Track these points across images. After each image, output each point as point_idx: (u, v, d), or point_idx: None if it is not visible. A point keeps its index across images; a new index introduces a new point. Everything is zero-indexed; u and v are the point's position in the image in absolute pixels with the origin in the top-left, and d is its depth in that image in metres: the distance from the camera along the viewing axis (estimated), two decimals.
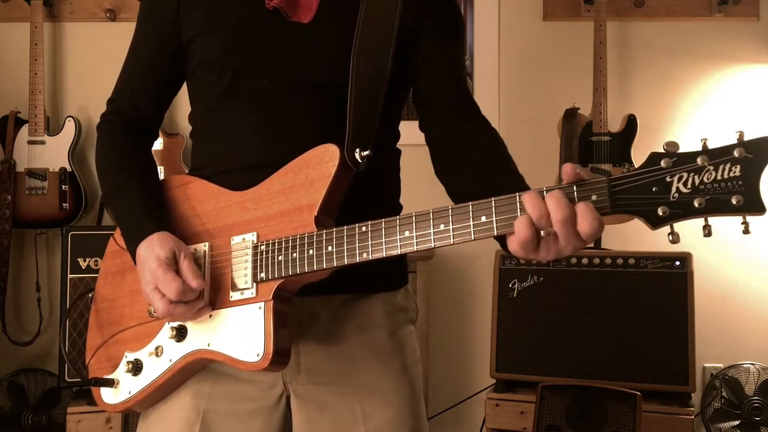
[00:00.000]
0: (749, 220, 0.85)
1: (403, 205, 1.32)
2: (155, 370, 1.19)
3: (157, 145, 2.94)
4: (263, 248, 1.11)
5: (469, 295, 3.22)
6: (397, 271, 1.30)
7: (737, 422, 2.87)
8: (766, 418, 2.83)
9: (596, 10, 3.01)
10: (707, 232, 0.86)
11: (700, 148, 0.87)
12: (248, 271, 1.12)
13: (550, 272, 2.63)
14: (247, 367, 1.10)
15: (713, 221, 0.87)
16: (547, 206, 0.91)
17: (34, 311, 3.10)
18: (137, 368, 1.21)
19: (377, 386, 1.23)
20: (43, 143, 3.04)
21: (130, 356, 1.23)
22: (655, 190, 0.87)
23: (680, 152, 0.87)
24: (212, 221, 1.19)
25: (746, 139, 0.85)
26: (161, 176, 1.31)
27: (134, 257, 1.18)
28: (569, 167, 0.92)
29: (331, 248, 1.05)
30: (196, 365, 1.19)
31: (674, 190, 0.86)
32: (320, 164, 1.11)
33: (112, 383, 1.24)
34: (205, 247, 1.18)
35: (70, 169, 3.03)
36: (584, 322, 2.56)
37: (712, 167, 0.85)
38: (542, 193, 0.93)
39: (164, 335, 1.18)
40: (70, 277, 2.63)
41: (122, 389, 1.24)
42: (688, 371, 2.42)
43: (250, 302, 1.11)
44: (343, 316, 1.23)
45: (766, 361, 2.98)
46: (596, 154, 2.98)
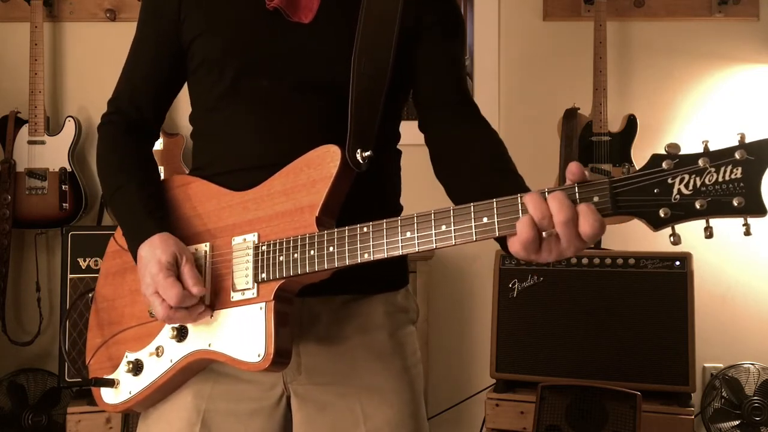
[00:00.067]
0: (750, 221, 0.85)
1: (403, 205, 1.32)
2: (156, 370, 1.19)
3: (157, 145, 2.92)
4: (264, 249, 1.11)
5: (469, 295, 3.22)
6: (397, 271, 1.30)
7: (737, 422, 2.87)
8: (766, 418, 2.83)
9: (596, 10, 3.00)
10: (708, 233, 0.86)
11: (701, 149, 0.87)
12: (249, 271, 1.12)
13: (550, 272, 2.63)
14: (248, 367, 1.09)
15: (714, 222, 0.87)
16: (549, 207, 0.91)
17: (34, 311, 3.10)
18: (138, 368, 1.21)
19: (377, 387, 1.23)
20: (43, 143, 3.04)
21: (130, 356, 1.23)
22: (656, 191, 0.87)
23: (682, 154, 0.87)
24: (213, 221, 1.19)
25: (747, 141, 0.85)
26: (162, 176, 1.31)
27: (135, 257, 1.18)
28: (576, 166, 0.92)
29: (332, 249, 1.05)
30: (196, 365, 1.18)
31: (676, 191, 0.86)
32: (321, 165, 1.10)
33: (112, 383, 1.24)
34: (205, 247, 1.18)
35: (70, 169, 3.03)
36: (584, 322, 2.56)
37: (713, 169, 0.85)
38: (544, 194, 0.93)
39: (165, 335, 1.18)
40: (70, 277, 2.63)
41: (122, 389, 1.23)
42: (688, 371, 2.42)
43: (251, 303, 1.11)
44: (343, 316, 1.23)
45: (766, 361, 2.98)
46: (596, 154, 2.98)
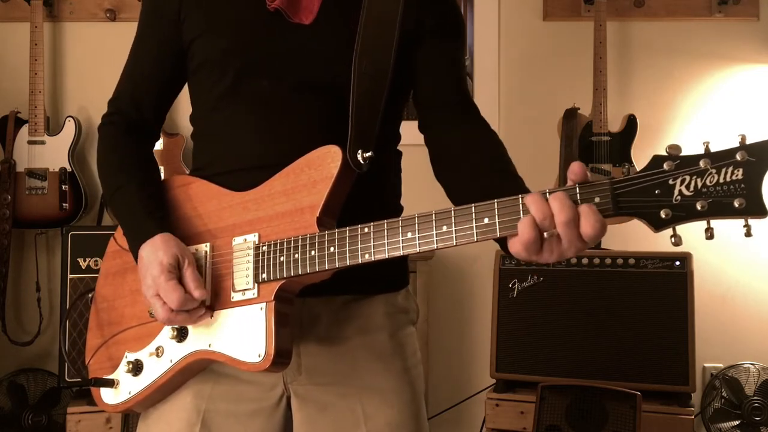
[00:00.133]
0: (751, 223, 0.85)
1: (403, 205, 1.32)
2: (156, 370, 1.19)
3: (157, 145, 2.92)
4: (265, 249, 1.11)
5: (469, 295, 3.22)
6: (397, 272, 1.30)
7: (737, 422, 2.87)
8: (766, 418, 2.83)
9: (596, 10, 3.00)
10: (709, 234, 0.86)
11: (701, 150, 0.87)
12: (249, 271, 1.12)
13: (550, 272, 2.63)
14: (248, 367, 1.09)
15: (715, 223, 0.87)
16: (550, 207, 0.91)
17: (34, 311, 3.10)
18: (137, 368, 1.21)
19: (378, 387, 1.22)
20: (43, 143, 3.03)
21: (130, 356, 1.23)
22: (657, 192, 0.87)
23: (683, 155, 0.87)
24: (214, 222, 1.19)
25: (748, 142, 0.85)
26: (162, 176, 1.31)
27: (136, 258, 1.17)
28: (578, 166, 0.92)
29: (333, 249, 1.05)
30: (196, 366, 1.18)
31: (677, 192, 0.86)
32: (322, 165, 1.10)
33: (112, 383, 1.24)
34: (206, 247, 1.17)
35: (70, 169, 3.03)
36: (584, 322, 2.56)
37: (714, 170, 0.85)
38: (545, 194, 0.93)
39: (165, 335, 1.18)
40: (70, 277, 2.63)
41: (122, 389, 1.23)
42: (688, 371, 2.42)
43: (251, 303, 1.11)
44: (343, 317, 1.23)
45: (766, 361, 2.98)
46: (596, 154, 2.98)
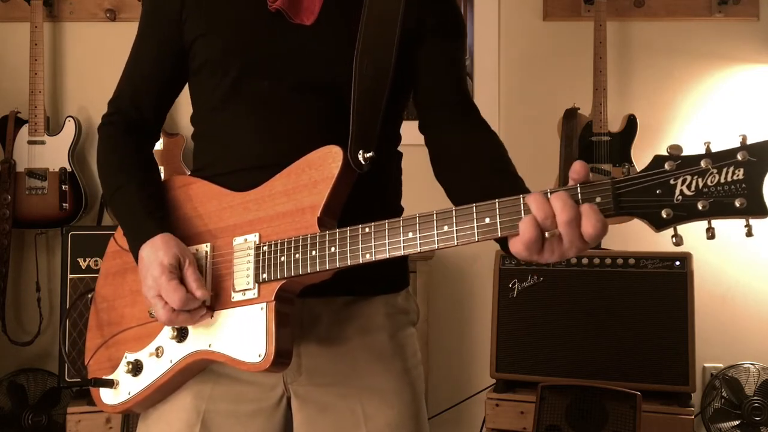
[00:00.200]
0: (752, 222, 0.85)
1: (404, 206, 1.31)
2: (155, 370, 1.19)
3: (157, 145, 2.93)
4: (265, 249, 1.11)
5: (469, 295, 3.21)
6: (398, 273, 1.30)
7: (737, 422, 2.87)
8: (766, 418, 2.83)
9: (596, 10, 3.00)
10: (710, 234, 0.86)
11: (702, 150, 0.87)
12: (250, 272, 1.12)
13: (550, 272, 2.63)
14: (248, 367, 1.09)
15: (715, 223, 0.87)
16: (552, 207, 0.91)
17: (34, 311, 3.10)
18: (137, 369, 1.21)
19: (378, 388, 1.22)
20: (43, 143, 3.03)
21: (130, 357, 1.22)
22: (658, 192, 0.87)
23: (684, 155, 0.87)
24: (214, 222, 1.19)
25: (749, 142, 0.85)
26: (162, 176, 1.31)
27: (136, 258, 1.17)
28: (581, 165, 0.92)
29: (334, 249, 1.05)
30: (196, 366, 1.18)
31: (678, 192, 0.86)
32: (323, 165, 1.10)
33: (111, 384, 1.24)
34: (206, 247, 1.17)
35: (70, 169, 3.03)
36: (584, 322, 2.56)
37: (715, 170, 0.85)
38: (546, 194, 0.93)
39: (165, 336, 1.18)
40: (70, 277, 2.63)
41: (122, 390, 1.23)
42: (688, 371, 2.42)
43: (251, 303, 1.11)
44: (344, 317, 1.23)
45: (766, 361, 2.98)
46: (596, 154, 2.98)
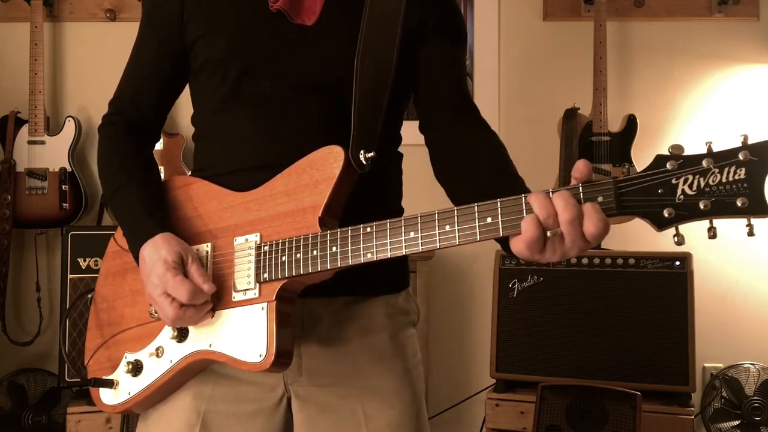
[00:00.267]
0: (753, 222, 0.85)
1: (404, 206, 1.31)
2: (155, 371, 1.19)
3: (157, 145, 2.94)
4: (266, 249, 1.11)
5: (469, 295, 3.22)
6: (398, 273, 1.30)
7: (737, 422, 2.87)
8: (766, 418, 2.83)
9: (596, 10, 3.01)
10: (712, 234, 0.86)
11: (704, 150, 0.87)
12: (251, 271, 1.12)
13: (550, 272, 2.63)
14: (248, 367, 1.09)
15: (716, 222, 0.87)
16: (554, 206, 0.91)
17: (34, 311, 3.09)
18: (137, 369, 1.20)
19: (379, 388, 1.22)
20: (43, 143, 3.03)
21: (130, 357, 1.22)
22: (660, 192, 0.87)
23: (685, 155, 0.87)
24: (215, 222, 1.19)
25: (751, 142, 0.85)
26: (162, 176, 1.31)
27: (137, 258, 1.17)
28: (584, 164, 0.92)
29: (335, 249, 1.05)
30: (197, 366, 1.18)
31: (680, 192, 0.87)
32: (325, 165, 1.10)
33: (111, 384, 1.24)
34: (207, 247, 1.17)
35: (70, 169, 3.03)
36: (584, 322, 2.56)
37: (717, 170, 0.85)
38: (548, 193, 0.93)
39: (165, 336, 1.18)
40: (70, 277, 2.62)
41: (122, 390, 1.23)
42: (688, 371, 2.42)
43: (252, 303, 1.11)
44: (344, 318, 1.23)
45: (766, 361, 2.98)
46: (596, 154, 2.98)
